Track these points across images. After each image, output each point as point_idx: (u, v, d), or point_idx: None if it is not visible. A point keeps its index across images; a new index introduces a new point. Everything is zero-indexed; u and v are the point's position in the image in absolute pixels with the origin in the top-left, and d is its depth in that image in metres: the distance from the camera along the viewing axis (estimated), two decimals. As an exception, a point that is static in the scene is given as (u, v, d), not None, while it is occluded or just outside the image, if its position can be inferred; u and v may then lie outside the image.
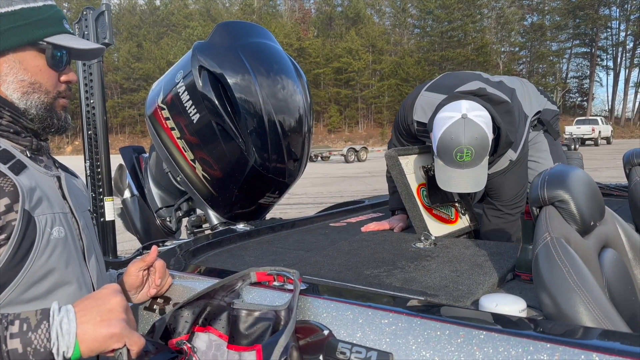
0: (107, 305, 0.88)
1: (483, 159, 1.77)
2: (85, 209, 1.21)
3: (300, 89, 2.36)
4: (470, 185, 1.78)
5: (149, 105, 2.47)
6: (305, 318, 1.04)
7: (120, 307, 0.90)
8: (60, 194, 1.11)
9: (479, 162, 1.76)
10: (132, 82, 57.39)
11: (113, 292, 0.92)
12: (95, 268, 1.15)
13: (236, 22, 2.54)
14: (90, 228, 1.19)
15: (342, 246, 1.81)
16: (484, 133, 1.73)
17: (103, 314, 0.87)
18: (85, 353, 0.84)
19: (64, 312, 0.85)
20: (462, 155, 1.72)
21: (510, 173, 2.00)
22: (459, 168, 1.76)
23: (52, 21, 1.08)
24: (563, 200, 1.20)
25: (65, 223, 1.05)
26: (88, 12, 2.24)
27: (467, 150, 1.71)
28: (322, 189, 12.75)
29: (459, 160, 1.73)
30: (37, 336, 0.80)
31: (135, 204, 2.85)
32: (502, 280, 1.37)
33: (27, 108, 1.07)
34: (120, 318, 0.88)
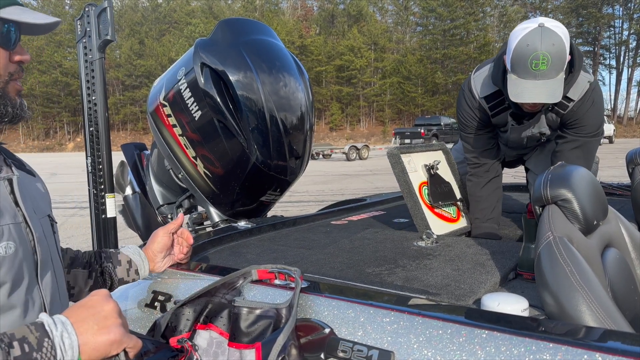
0: (101, 312, 0.85)
1: (559, 72, 1.68)
2: (44, 215, 1.06)
3: (302, 87, 2.36)
4: (545, 95, 1.68)
5: (150, 102, 2.47)
6: (307, 316, 1.04)
7: (115, 313, 0.87)
8: (12, 199, 0.96)
9: (555, 73, 1.67)
10: (134, 79, 57.40)
11: (104, 298, 0.88)
12: (49, 286, 1.02)
13: (238, 20, 2.54)
14: (49, 237, 1.05)
15: (343, 244, 1.80)
16: (562, 42, 1.65)
17: (99, 321, 0.84)
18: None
19: (61, 326, 0.81)
20: (538, 62, 1.65)
21: (591, 99, 1.91)
22: (534, 79, 1.68)
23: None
24: (566, 199, 1.20)
25: (16, 236, 0.92)
26: (90, 9, 2.23)
27: (543, 57, 1.64)
28: (323, 186, 12.74)
29: (534, 69, 1.66)
30: (42, 355, 0.77)
31: (136, 201, 2.85)
32: (504, 279, 1.37)
33: None
34: (118, 324, 0.86)
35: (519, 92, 1.72)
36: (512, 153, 2.38)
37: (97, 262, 1.30)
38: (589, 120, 1.94)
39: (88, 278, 1.27)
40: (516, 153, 2.38)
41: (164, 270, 1.36)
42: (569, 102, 1.92)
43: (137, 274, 1.32)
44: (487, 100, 2.03)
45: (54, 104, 59.65)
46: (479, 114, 2.08)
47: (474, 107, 2.09)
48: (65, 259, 1.28)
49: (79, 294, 1.26)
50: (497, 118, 2.08)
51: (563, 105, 1.93)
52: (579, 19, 52.17)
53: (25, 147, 59.61)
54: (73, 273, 1.25)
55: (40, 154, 52.31)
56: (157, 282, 1.34)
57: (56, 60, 56.97)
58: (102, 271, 1.30)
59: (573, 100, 1.91)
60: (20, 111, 0.99)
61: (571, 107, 1.92)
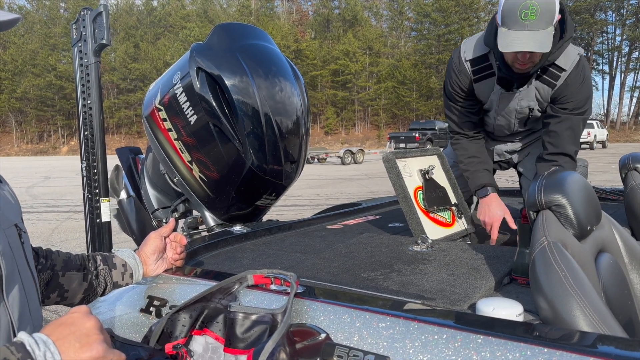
0: (82, 329, 0.83)
1: (549, 24, 1.71)
2: (9, 225, 1.01)
3: (298, 91, 2.36)
4: (534, 44, 1.71)
5: (146, 106, 2.47)
6: (302, 321, 1.04)
7: (96, 329, 0.85)
8: None
9: (544, 25, 1.71)
10: (129, 83, 57.27)
11: (85, 314, 0.86)
12: (17, 301, 0.97)
13: (234, 24, 2.54)
14: (16, 249, 1.00)
15: (339, 249, 1.80)
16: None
17: (82, 338, 0.81)
18: None
19: (43, 346, 0.78)
20: (527, 12, 1.68)
21: (582, 74, 1.95)
22: (524, 29, 1.71)
23: None
24: (560, 204, 1.20)
25: None
26: (86, 13, 2.23)
27: (532, 7, 1.68)
28: (318, 190, 12.75)
29: (523, 19, 1.70)
30: None
31: (131, 205, 2.84)
32: (499, 284, 1.37)
33: None
34: (100, 340, 0.83)
35: (508, 43, 1.76)
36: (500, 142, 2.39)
37: (93, 265, 1.29)
38: (579, 96, 1.97)
39: (83, 281, 1.25)
40: (505, 144, 2.38)
41: (159, 275, 1.36)
42: (560, 72, 1.94)
43: (131, 278, 1.31)
44: (472, 64, 2.07)
45: (48, 107, 59.38)
46: (463, 78, 2.12)
47: (459, 72, 2.12)
48: (57, 261, 1.26)
49: (73, 297, 1.24)
50: (480, 85, 2.08)
51: (554, 76, 1.96)
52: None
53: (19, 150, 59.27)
54: (67, 275, 1.23)
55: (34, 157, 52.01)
56: (152, 287, 1.34)
57: (50, 63, 56.76)
58: (97, 274, 1.28)
59: (564, 70, 1.94)
60: None
61: (563, 78, 1.95)
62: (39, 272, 1.22)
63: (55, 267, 1.24)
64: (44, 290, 1.20)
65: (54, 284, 1.21)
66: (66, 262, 1.25)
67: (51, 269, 1.23)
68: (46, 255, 1.24)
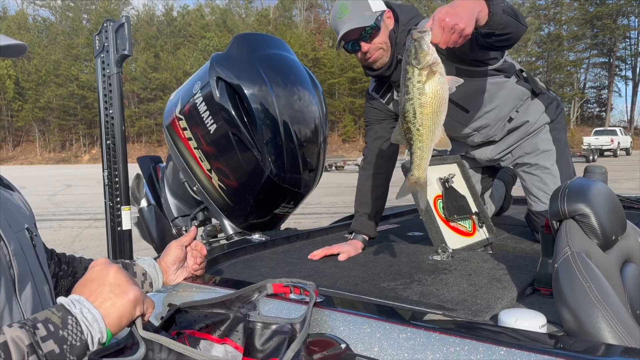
0: (108, 279, 0.86)
1: (364, 11, 1.92)
2: (20, 228, 1.05)
3: (316, 100, 2.38)
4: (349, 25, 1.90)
5: (166, 116, 2.50)
6: (322, 331, 1.04)
7: (121, 275, 0.87)
8: None
9: (360, 13, 1.92)
10: (149, 92, 58.10)
11: (105, 265, 0.88)
12: (30, 301, 1.00)
13: (253, 34, 2.57)
14: (27, 251, 1.03)
15: (358, 258, 1.80)
16: None
17: (113, 288, 0.85)
18: (116, 331, 0.84)
19: (77, 304, 0.82)
20: (341, 11, 1.95)
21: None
22: (344, 24, 1.93)
23: None
24: (584, 214, 1.18)
25: None
26: (108, 24, 2.27)
27: (341, 6, 1.94)
28: (336, 198, 12.73)
29: (340, 18, 1.95)
30: (69, 332, 0.78)
31: (151, 213, 2.87)
32: (522, 294, 1.35)
33: None
34: (130, 282, 0.87)
35: (338, 40, 1.97)
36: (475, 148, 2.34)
37: None
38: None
39: None
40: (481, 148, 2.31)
41: (179, 283, 1.37)
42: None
43: (151, 287, 1.32)
44: (377, 91, 2.22)
45: (70, 117, 60.53)
46: (378, 105, 2.22)
47: (372, 102, 2.24)
48: (79, 268, 1.28)
49: None
50: (393, 104, 2.17)
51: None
52: (593, 30, 51.83)
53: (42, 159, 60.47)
54: None
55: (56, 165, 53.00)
56: (172, 295, 1.35)
57: (73, 73, 57.93)
58: None
59: None
60: None
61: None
62: (60, 278, 1.25)
63: (76, 275, 1.26)
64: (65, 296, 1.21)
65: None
66: (87, 269, 1.27)
67: (72, 275, 1.26)
68: (68, 262, 1.27)
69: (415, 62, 1.23)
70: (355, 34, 1.93)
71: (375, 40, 1.95)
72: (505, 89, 2.06)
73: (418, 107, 1.24)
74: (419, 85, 1.24)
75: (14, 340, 0.73)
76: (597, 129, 33.38)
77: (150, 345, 0.88)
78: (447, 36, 1.33)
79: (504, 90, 2.06)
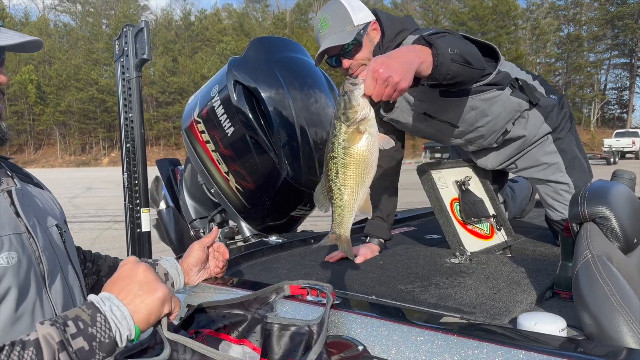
0: (138, 277, 0.88)
1: (344, 24, 1.83)
2: (50, 225, 1.07)
3: (333, 103, 2.38)
4: (329, 42, 1.82)
5: (185, 119, 2.53)
6: (339, 333, 1.04)
7: (150, 273, 0.89)
8: (13, 210, 0.98)
9: (340, 27, 1.83)
10: (167, 96, 58.74)
11: (134, 264, 0.91)
12: (60, 295, 1.03)
13: (270, 38, 2.59)
14: (57, 246, 1.06)
15: (374, 260, 1.80)
16: (339, 3, 1.84)
17: (143, 286, 0.87)
18: (144, 328, 0.86)
19: (107, 301, 0.84)
20: (320, 25, 1.87)
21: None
22: (324, 39, 1.85)
23: None
24: (604, 216, 1.17)
25: (18, 246, 0.93)
26: (128, 29, 2.30)
27: (322, 19, 1.86)
28: (352, 201, 12.69)
29: (321, 32, 1.86)
30: (98, 329, 0.80)
31: (170, 215, 2.91)
32: (541, 298, 1.34)
33: None
34: (159, 281, 0.89)
35: (317, 55, 1.88)
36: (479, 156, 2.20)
37: None
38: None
39: None
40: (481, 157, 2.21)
41: (198, 284, 1.38)
42: None
43: (172, 287, 1.34)
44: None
45: (90, 120, 61.45)
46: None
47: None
48: (103, 267, 1.31)
49: None
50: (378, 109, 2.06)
51: None
52: (614, 30, 51.00)
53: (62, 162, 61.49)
54: None
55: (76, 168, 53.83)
56: (191, 296, 1.36)
57: (93, 77, 58.82)
58: None
59: None
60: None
61: None
62: (85, 276, 1.27)
63: (100, 273, 1.28)
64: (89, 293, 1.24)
65: (98, 288, 1.25)
66: (111, 268, 1.30)
67: (96, 274, 1.28)
68: (93, 260, 1.30)
69: (344, 118, 1.13)
70: (335, 50, 1.84)
71: (357, 56, 1.85)
72: (498, 103, 1.90)
73: (341, 167, 1.15)
74: (344, 144, 1.14)
75: (46, 337, 0.75)
76: (619, 131, 32.77)
77: (174, 346, 0.90)
78: (380, 89, 1.21)
79: (496, 104, 1.90)
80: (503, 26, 53.36)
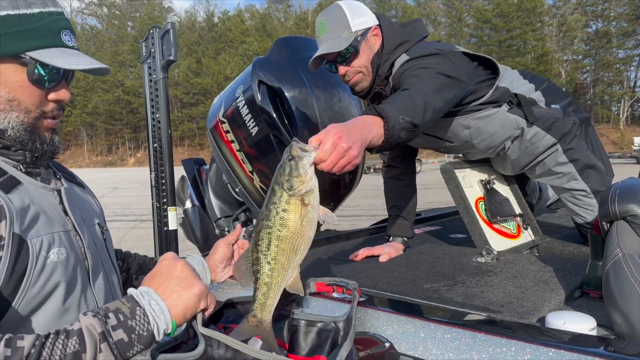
0: (176, 273, 0.91)
1: (342, 30, 1.79)
2: (93, 224, 1.11)
3: (356, 101, 2.38)
4: (325, 48, 1.79)
5: (210, 119, 2.56)
6: (365, 330, 1.04)
7: (188, 269, 0.92)
8: (62, 209, 1.01)
9: (337, 32, 1.79)
10: (191, 97, 59.49)
11: (173, 260, 0.94)
12: (102, 289, 1.07)
13: (293, 38, 2.60)
14: (99, 244, 1.10)
15: (399, 259, 1.79)
16: (339, 7, 1.82)
17: (180, 282, 0.90)
18: (181, 322, 0.89)
19: (146, 295, 0.87)
20: (319, 29, 1.84)
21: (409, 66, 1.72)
22: (321, 44, 1.82)
23: (44, 32, 0.94)
24: (636, 214, 1.14)
25: (67, 242, 0.96)
26: (154, 31, 2.34)
27: (320, 23, 1.84)
28: (374, 201, 12.66)
29: (319, 36, 1.84)
30: (137, 322, 0.83)
31: (195, 214, 2.95)
32: (570, 297, 1.32)
33: (4, 128, 0.94)
34: (196, 277, 0.92)
35: (312, 60, 1.85)
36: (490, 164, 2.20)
37: None
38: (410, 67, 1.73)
39: None
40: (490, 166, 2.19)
41: (225, 281, 1.40)
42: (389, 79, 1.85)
43: None
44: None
45: (116, 121, 62.64)
46: None
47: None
48: (133, 264, 1.34)
49: None
50: None
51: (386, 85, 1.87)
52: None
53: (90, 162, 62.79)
54: (140, 279, 1.30)
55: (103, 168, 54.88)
56: (218, 292, 1.39)
57: (119, 79, 59.95)
58: None
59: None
60: (51, 147, 1.01)
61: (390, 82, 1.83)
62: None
63: (130, 270, 1.32)
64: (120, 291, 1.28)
65: (127, 286, 1.28)
66: (140, 266, 1.33)
67: (127, 271, 1.32)
68: (124, 258, 1.33)
69: (287, 186, 0.99)
70: (332, 56, 1.81)
71: (353, 63, 1.82)
72: (495, 121, 1.87)
73: (275, 239, 1.00)
74: (283, 215, 1.00)
75: (88, 328, 0.79)
76: (649, 129, 31.88)
77: (209, 341, 0.92)
78: (336, 159, 1.09)
79: (492, 122, 1.87)
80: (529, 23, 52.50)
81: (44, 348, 0.74)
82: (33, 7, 0.93)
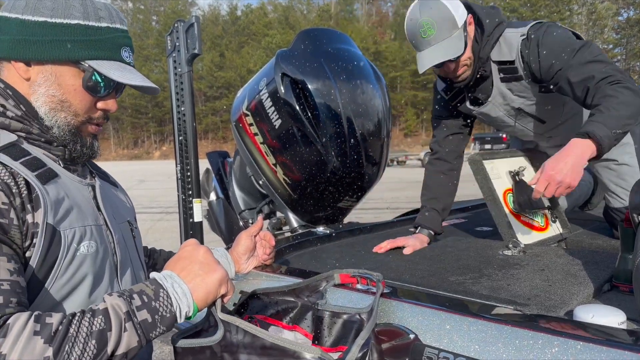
0: (198, 257, 0.95)
1: (452, 29, 1.73)
2: (123, 220, 1.14)
3: (380, 93, 2.37)
4: (441, 54, 1.74)
5: (234, 112, 2.58)
6: (390, 321, 1.04)
7: (210, 255, 0.96)
8: (95, 204, 1.05)
9: (447, 33, 1.74)
10: (215, 90, 59.93)
11: (195, 245, 0.98)
12: (129, 285, 1.09)
13: (317, 29, 2.59)
14: (128, 240, 1.13)
15: (424, 252, 1.78)
16: (440, 3, 1.73)
17: (202, 266, 0.93)
18: (202, 306, 0.92)
19: (169, 279, 0.90)
20: (425, 29, 1.75)
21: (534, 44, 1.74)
22: (430, 46, 1.76)
23: (107, 45, 1.01)
24: (669, 206, 1.12)
25: (97, 236, 0.99)
26: (179, 25, 2.36)
27: (426, 24, 1.74)
28: (398, 193, 12.62)
29: (424, 37, 1.76)
30: (160, 304, 0.86)
31: (220, 206, 2.98)
32: (599, 291, 1.29)
33: (51, 126, 0.99)
34: (217, 263, 0.95)
35: (422, 64, 1.79)
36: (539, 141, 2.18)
37: None
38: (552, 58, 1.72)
39: None
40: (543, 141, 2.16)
41: (249, 272, 1.41)
42: (513, 64, 1.81)
43: None
44: (446, 93, 2.09)
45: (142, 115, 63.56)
46: (445, 105, 2.13)
47: (439, 100, 2.15)
48: (158, 260, 1.37)
49: None
50: (462, 107, 2.07)
51: (511, 70, 1.83)
52: (678, 12, 48.06)
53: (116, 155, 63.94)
54: None
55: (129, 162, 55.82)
56: (242, 282, 1.40)
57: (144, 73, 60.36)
58: None
59: (512, 60, 1.80)
60: (89, 151, 1.07)
61: (520, 65, 1.79)
62: None
63: (156, 267, 1.35)
64: None
65: None
66: (166, 262, 1.35)
67: (152, 267, 1.35)
68: (150, 254, 1.36)
69: None
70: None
71: (462, 58, 1.80)
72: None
73: None
74: None
75: (114, 307, 0.82)
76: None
77: (227, 327, 0.94)
78: (552, 190, 1.47)
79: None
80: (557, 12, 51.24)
81: (71, 325, 0.78)
82: (102, 22, 1.00)
